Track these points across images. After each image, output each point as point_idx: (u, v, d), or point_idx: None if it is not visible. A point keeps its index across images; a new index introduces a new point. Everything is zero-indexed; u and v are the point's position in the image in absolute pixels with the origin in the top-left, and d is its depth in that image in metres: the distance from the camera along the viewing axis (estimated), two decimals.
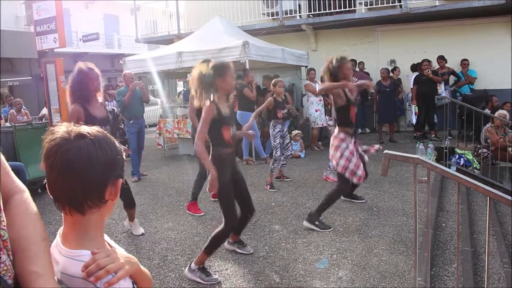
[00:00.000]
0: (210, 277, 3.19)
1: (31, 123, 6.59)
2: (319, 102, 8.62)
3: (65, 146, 0.92)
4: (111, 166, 0.96)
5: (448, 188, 5.64)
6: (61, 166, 0.92)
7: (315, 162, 7.42)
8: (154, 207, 5.19)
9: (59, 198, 0.95)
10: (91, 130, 0.97)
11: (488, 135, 6.53)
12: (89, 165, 0.92)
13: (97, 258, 0.92)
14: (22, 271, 0.87)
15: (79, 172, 0.92)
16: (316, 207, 4.25)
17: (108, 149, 0.97)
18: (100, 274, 0.90)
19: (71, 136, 0.94)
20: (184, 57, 7.90)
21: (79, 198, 0.94)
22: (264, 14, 11.07)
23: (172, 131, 8.66)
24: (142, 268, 1.09)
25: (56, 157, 0.92)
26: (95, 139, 0.95)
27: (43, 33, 6.59)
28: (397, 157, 2.45)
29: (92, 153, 0.93)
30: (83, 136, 0.94)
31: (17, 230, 0.90)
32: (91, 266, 0.91)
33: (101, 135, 0.98)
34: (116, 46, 21.71)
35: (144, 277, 1.07)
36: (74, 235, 0.98)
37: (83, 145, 0.93)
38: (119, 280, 0.93)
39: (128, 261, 1.00)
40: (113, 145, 0.99)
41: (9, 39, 14.92)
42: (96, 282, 0.91)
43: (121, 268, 0.95)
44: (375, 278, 3.14)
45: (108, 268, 0.92)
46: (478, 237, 4.22)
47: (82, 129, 0.96)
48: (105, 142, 0.97)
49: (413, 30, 10.17)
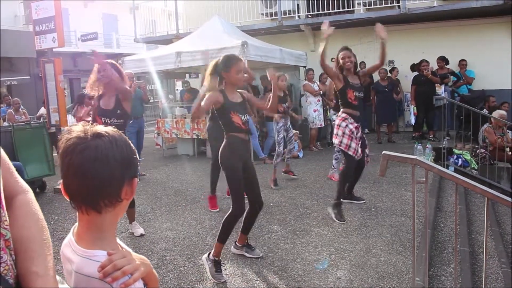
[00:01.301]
0: (218, 273, 3.18)
1: (30, 123, 6.56)
2: (318, 102, 8.64)
3: (82, 145, 0.93)
4: (127, 165, 0.97)
5: (446, 189, 5.65)
6: (78, 164, 0.92)
7: (314, 163, 7.43)
8: (152, 207, 5.19)
9: (75, 197, 0.95)
10: (108, 130, 0.98)
11: (486, 135, 6.55)
12: (106, 163, 0.93)
13: (113, 259, 0.92)
14: (23, 271, 0.87)
15: (97, 170, 0.92)
16: (335, 195, 4.49)
17: (125, 148, 0.97)
18: (117, 275, 0.90)
19: (87, 135, 0.94)
20: (183, 57, 7.89)
21: (96, 196, 0.94)
22: (263, 14, 11.07)
23: (170, 131, 8.66)
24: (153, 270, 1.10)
25: (73, 156, 0.92)
26: (112, 138, 0.96)
27: (42, 32, 6.58)
28: (395, 157, 2.46)
29: (109, 151, 0.94)
30: (100, 135, 0.95)
31: (20, 230, 0.91)
32: (108, 267, 0.91)
33: (117, 135, 0.99)
34: (114, 45, 21.67)
35: (154, 277, 1.08)
36: (89, 235, 0.99)
37: (100, 143, 0.94)
38: (135, 281, 0.94)
39: (143, 263, 1.00)
40: (128, 145, 1.00)
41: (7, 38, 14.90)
42: (113, 282, 0.91)
43: (137, 269, 0.95)
44: (374, 278, 3.15)
45: (125, 270, 0.92)
46: (476, 237, 4.23)
47: (98, 128, 0.97)
48: (121, 141, 0.98)
49: (412, 31, 10.18)
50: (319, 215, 4.57)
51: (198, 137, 8.21)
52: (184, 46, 8.38)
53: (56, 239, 4.11)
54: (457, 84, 9.32)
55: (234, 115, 3.19)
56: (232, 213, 3.21)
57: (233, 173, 3.19)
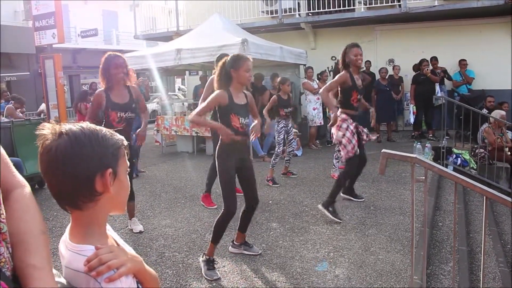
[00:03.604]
0: (210, 271, 3.20)
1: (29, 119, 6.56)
2: (317, 100, 8.63)
3: (47, 147, 0.94)
4: (93, 159, 0.95)
5: (445, 188, 5.66)
6: (46, 166, 0.94)
7: (313, 161, 7.43)
8: (151, 204, 5.19)
9: (55, 196, 0.97)
10: (72, 127, 0.97)
11: (486, 135, 6.55)
12: (67, 162, 0.92)
13: (99, 253, 0.93)
14: (20, 264, 0.87)
15: (60, 170, 0.93)
16: (330, 193, 4.47)
17: (88, 143, 0.95)
18: (102, 270, 0.91)
19: (53, 136, 0.95)
20: (183, 54, 7.88)
21: (70, 195, 0.95)
22: (263, 12, 11.06)
23: (170, 128, 8.66)
24: (148, 268, 1.09)
25: (42, 158, 0.95)
26: (73, 135, 0.95)
27: (41, 28, 6.58)
28: (395, 156, 2.46)
29: (68, 149, 0.93)
30: (60, 134, 0.95)
31: (17, 224, 0.91)
32: (93, 261, 0.91)
33: (80, 131, 0.96)
34: (114, 42, 21.66)
35: (149, 277, 1.07)
36: (78, 230, 1.00)
37: (61, 142, 0.93)
38: (120, 276, 0.93)
39: (131, 259, 0.99)
40: (95, 138, 0.97)
41: (7, 34, 14.87)
42: (97, 277, 0.91)
43: (123, 265, 0.95)
44: (372, 276, 3.16)
45: (110, 264, 0.92)
46: (474, 236, 4.23)
47: (62, 127, 0.96)
48: (84, 136, 0.95)
49: (412, 30, 10.18)
50: (318, 213, 4.57)
51: (197, 134, 8.21)
52: (184, 43, 8.37)
53: (55, 235, 4.12)
54: (457, 84, 9.33)
55: (234, 117, 3.20)
56: (224, 213, 3.22)
57: (224, 173, 3.22)
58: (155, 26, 13.50)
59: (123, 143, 1.03)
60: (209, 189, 4.94)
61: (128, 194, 1.07)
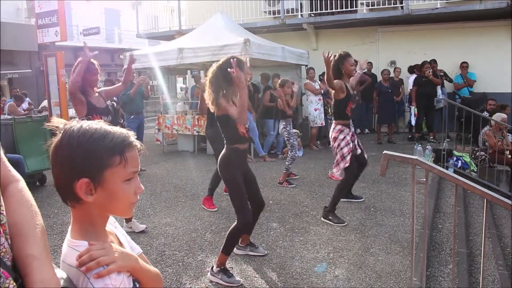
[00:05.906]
0: (232, 278, 3.13)
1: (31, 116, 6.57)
2: (319, 101, 8.65)
3: (52, 142, 1.00)
4: (70, 166, 0.95)
5: (445, 190, 5.66)
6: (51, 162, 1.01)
7: (313, 161, 7.44)
8: (152, 202, 5.20)
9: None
10: (73, 127, 0.98)
11: (486, 138, 6.55)
12: (52, 163, 0.99)
13: (91, 249, 0.95)
14: (19, 254, 0.90)
15: (53, 169, 0.99)
16: (330, 202, 4.43)
17: (68, 151, 0.95)
18: (91, 265, 0.93)
19: (58, 133, 0.99)
20: (185, 53, 7.89)
21: (60, 193, 1.00)
22: (266, 12, 11.07)
23: (171, 127, 8.67)
24: (148, 267, 1.08)
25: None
26: (65, 137, 0.97)
27: (44, 26, 6.59)
28: (396, 157, 2.47)
29: (54, 152, 0.98)
30: (60, 133, 0.99)
31: (14, 216, 0.94)
32: (84, 256, 0.94)
33: (71, 135, 0.96)
34: (116, 40, 21.67)
35: (148, 276, 1.07)
36: (76, 226, 1.02)
37: (56, 142, 0.98)
38: (110, 273, 0.94)
39: (123, 257, 1.00)
40: (83, 144, 0.95)
41: (9, 31, 14.88)
42: (87, 272, 0.93)
43: (114, 262, 0.96)
44: (371, 277, 3.17)
45: (100, 260, 0.94)
46: (474, 239, 4.24)
47: (66, 126, 1.00)
48: (69, 142, 0.95)
49: (414, 32, 10.19)
50: (318, 213, 4.59)
51: (198, 133, 8.22)
52: (186, 43, 8.38)
53: (56, 232, 4.13)
54: (458, 86, 9.33)
55: (240, 124, 3.13)
56: (237, 226, 3.12)
57: (234, 185, 3.13)
58: (157, 25, 13.51)
59: (121, 151, 0.97)
60: (211, 193, 4.93)
61: (127, 202, 1.02)
